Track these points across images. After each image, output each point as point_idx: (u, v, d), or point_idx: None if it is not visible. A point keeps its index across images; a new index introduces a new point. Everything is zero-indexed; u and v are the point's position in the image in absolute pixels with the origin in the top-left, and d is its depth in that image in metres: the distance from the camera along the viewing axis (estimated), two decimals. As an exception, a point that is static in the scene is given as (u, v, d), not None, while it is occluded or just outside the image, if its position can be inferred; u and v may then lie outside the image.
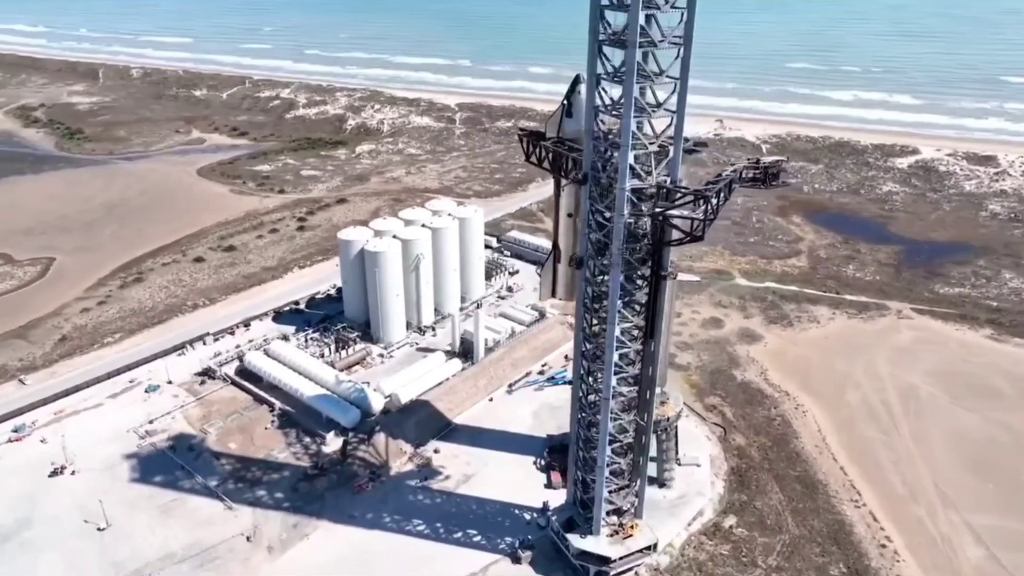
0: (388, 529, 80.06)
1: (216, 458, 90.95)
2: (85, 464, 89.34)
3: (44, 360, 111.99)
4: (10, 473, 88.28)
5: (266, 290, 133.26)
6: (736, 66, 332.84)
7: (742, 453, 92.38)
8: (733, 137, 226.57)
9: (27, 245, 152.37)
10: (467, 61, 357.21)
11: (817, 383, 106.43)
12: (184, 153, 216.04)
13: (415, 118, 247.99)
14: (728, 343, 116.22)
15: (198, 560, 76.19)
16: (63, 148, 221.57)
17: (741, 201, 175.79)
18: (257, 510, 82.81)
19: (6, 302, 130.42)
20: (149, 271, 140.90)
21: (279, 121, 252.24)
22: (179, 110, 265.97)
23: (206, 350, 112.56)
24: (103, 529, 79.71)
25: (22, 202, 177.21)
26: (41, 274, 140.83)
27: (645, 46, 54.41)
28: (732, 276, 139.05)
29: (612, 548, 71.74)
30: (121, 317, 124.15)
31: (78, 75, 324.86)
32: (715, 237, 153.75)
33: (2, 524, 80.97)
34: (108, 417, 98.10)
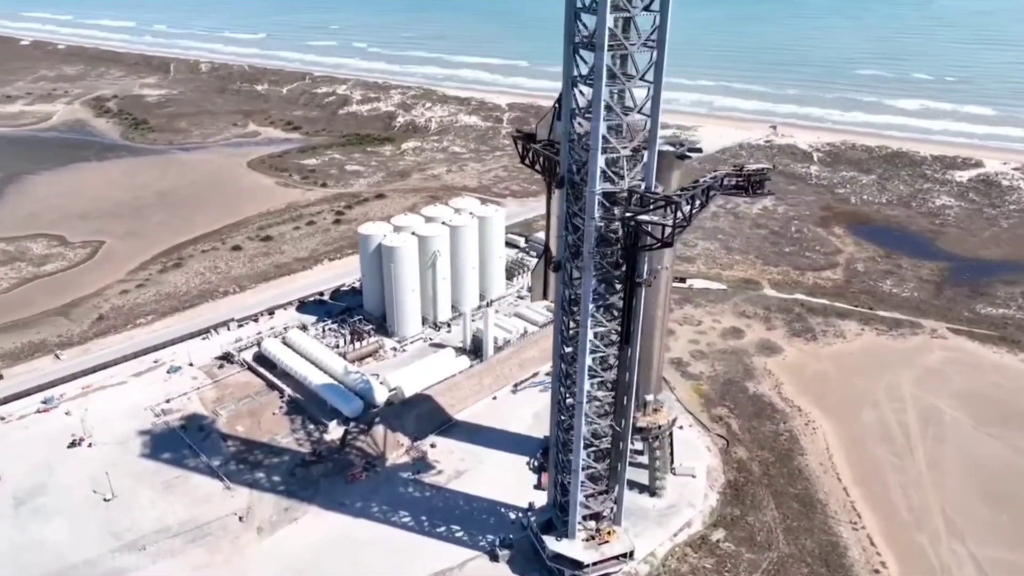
0: (375, 519, 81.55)
1: (223, 439, 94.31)
2: (101, 437, 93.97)
3: (80, 337, 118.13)
4: (34, 442, 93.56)
5: (294, 280, 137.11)
6: (800, 72, 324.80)
7: (742, 467, 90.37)
8: (784, 144, 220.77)
9: (81, 228, 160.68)
10: (524, 62, 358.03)
11: (833, 400, 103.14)
12: (238, 145, 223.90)
13: (463, 117, 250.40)
14: (746, 354, 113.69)
15: (191, 535, 79.26)
16: (127, 137, 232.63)
17: (783, 210, 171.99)
18: (254, 492, 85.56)
19: (55, 281, 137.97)
20: (189, 257, 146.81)
21: (332, 117, 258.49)
22: (239, 104, 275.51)
23: (229, 335, 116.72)
24: (109, 500, 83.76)
25: (82, 188, 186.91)
26: (90, 256, 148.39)
27: (615, 49, 53.95)
28: (761, 286, 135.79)
29: (586, 553, 71.37)
30: (156, 300, 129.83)
31: (152, 68, 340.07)
32: (748, 246, 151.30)
33: (21, 489, 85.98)
34: (129, 394, 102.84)
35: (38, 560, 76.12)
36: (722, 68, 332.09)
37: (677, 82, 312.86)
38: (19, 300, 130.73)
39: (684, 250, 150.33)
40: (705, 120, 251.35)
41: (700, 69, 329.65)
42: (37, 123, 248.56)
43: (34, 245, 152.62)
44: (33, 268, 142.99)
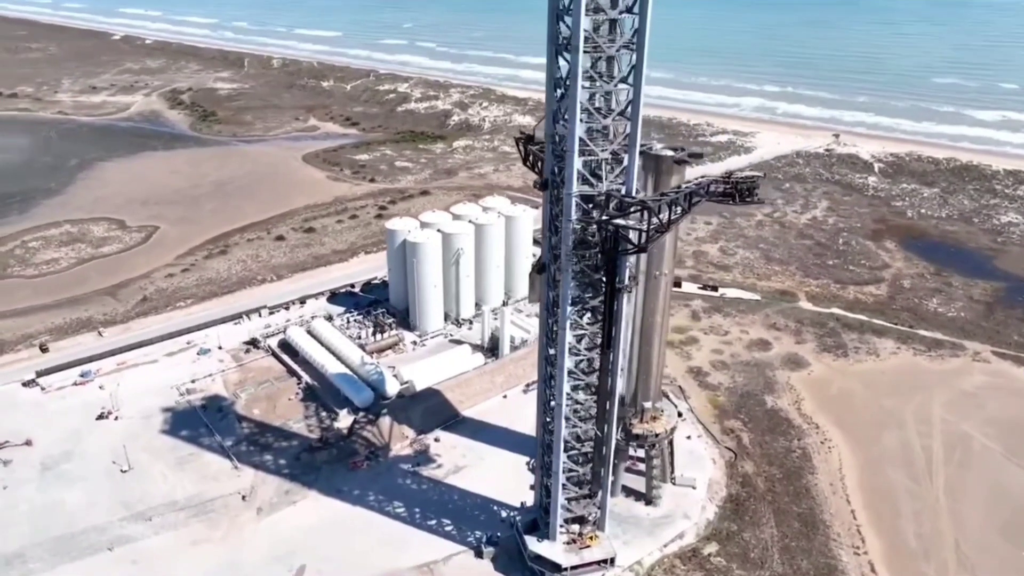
0: (370, 507, 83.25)
1: (239, 421, 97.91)
2: (127, 411, 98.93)
3: (123, 316, 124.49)
4: (67, 412, 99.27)
5: (330, 271, 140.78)
6: (874, 79, 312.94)
7: (747, 481, 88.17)
8: (845, 153, 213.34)
9: (140, 213, 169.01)
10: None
11: (854, 419, 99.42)
12: (297, 139, 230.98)
13: (518, 117, 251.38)
14: (769, 367, 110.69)
15: (195, 511, 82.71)
16: (195, 129, 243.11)
17: (833, 221, 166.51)
18: (259, 473, 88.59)
19: (109, 262, 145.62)
20: (234, 245, 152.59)
21: (390, 114, 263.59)
22: (304, 99, 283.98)
23: (259, 322, 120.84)
24: (125, 471, 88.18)
25: (147, 175, 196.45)
26: (144, 240, 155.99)
27: (593, 51, 53.67)
28: (796, 299, 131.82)
29: (565, 556, 71.13)
30: (197, 285, 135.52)
31: (228, 63, 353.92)
32: (790, 257, 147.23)
33: (50, 455, 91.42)
34: (159, 373, 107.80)
35: (53, 522, 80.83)
36: (791, 74, 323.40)
37: (741, 87, 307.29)
38: (74, 279, 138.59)
39: (721, 258, 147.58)
40: (765, 126, 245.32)
41: (767, 74, 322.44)
42: (116, 113, 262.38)
43: (96, 228, 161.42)
44: (91, 249, 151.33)
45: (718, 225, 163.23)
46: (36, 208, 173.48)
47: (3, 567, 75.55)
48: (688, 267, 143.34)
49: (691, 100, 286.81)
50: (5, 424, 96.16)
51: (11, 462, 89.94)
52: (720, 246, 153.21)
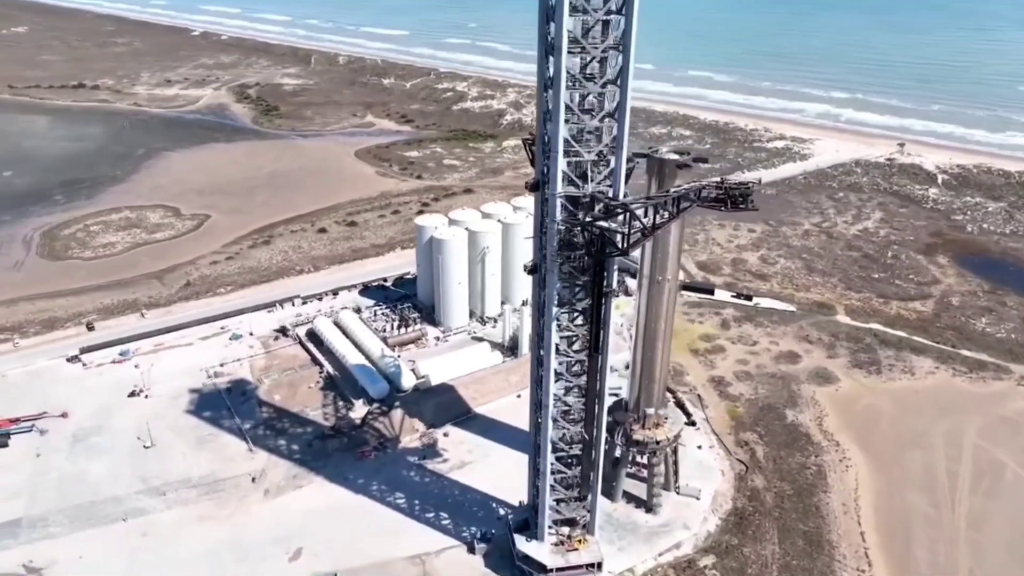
0: (372, 496, 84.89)
1: (259, 405, 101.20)
2: (157, 391, 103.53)
3: (167, 300, 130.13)
4: (104, 388, 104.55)
5: (366, 264, 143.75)
6: (953, 87, 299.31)
7: (754, 495, 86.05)
8: (908, 163, 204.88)
9: (195, 202, 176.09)
10: (650, 65, 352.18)
11: (878, 438, 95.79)
12: (352, 135, 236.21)
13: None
14: (795, 380, 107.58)
15: (206, 489, 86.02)
16: (257, 122, 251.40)
17: (885, 233, 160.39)
18: (272, 456, 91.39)
19: (160, 248, 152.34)
20: (278, 236, 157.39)
21: (446, 112, 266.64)
22: (364, 96, 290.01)
23: (292, 311, 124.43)
24: (148, 447, 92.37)
25: (206, 165, 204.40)
26: (195, 228, 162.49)
27: (576, 52, 53.49)
28: (834, 311, 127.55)
29: (551, 557, 70.98)
30: (239, 273, 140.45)
31: (296, 59, 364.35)
32: (834, 268, 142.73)
33: (82, 428, 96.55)
34: (192, 355, 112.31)
35: (76, 491, 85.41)
36: (862, 79, 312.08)
37: (806, 92, 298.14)
38: (127, 262, 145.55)
39: (761, 267, 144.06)
40: (826, 133, 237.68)
41: (837, 79, 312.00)
42: (185, 105, 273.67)
43: (152, 214, 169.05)
44: (145, 235, 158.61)
45: (762, 233, 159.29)
46: (102, 194, 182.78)
47: (27, 528, 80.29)
48: (724, 275, 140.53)
49: (751, 105, 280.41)
50: (47, 396, 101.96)
51: (47, 432, 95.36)
52: (761, 254, 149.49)
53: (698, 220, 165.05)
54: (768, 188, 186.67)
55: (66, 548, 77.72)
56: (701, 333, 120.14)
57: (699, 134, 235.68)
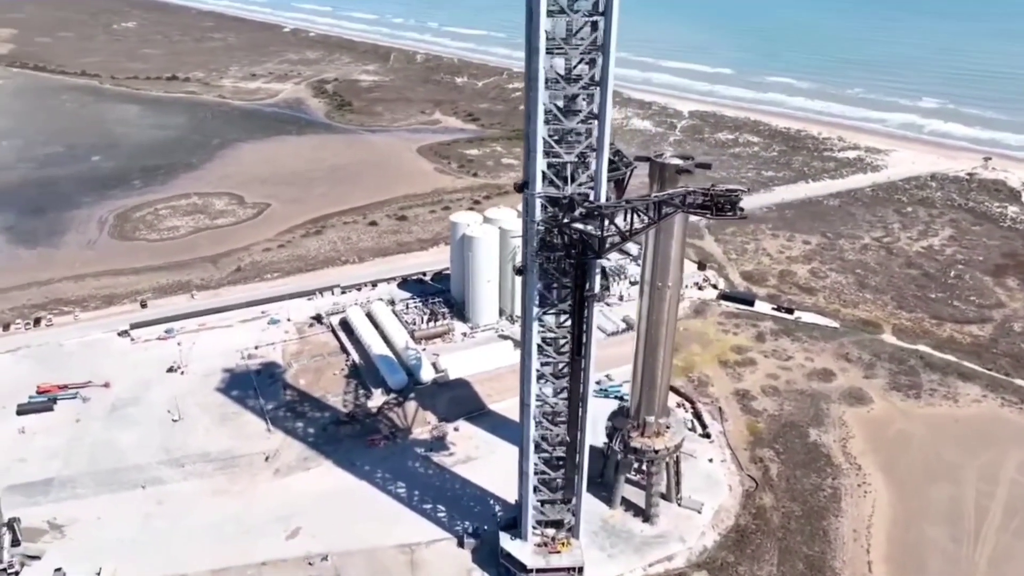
0: (375, 483, 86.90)
1: (284, 388, 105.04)
2: (193, 368, 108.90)
3: (217, 283, 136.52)
4: (146, 362, 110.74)
5: (408, 258, 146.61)
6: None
7: (760, 514, 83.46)
8: (990, 179, 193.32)
9: (258, 191, 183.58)
10: (729, 70, 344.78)
11: (905, 465, 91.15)
12: (417, 131, 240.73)
13: (635, 121, 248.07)
14: (825, 399, 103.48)
15: (222, 464, 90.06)
16: (329, 117, 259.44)
17: (951, 252, 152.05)
18: (288, 438, 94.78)
19: (220, 233, 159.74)
20: (331, 227, 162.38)
21: (512, 111, 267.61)
22: (436, 93, 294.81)
23: (330, 299, 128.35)
24: (176, 421, 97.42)
25: (275, 156, 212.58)
26: (255, 216, 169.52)
27: (556, 53, 53.43)
28: (880, 330, 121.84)
29: (533, 558, 71.03)
30: (287, 260, 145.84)
31: (376, 57, 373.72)
32: (888, 285, 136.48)
33: (120, 399, 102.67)
34: (230, 336, 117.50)
35: (105, 456, 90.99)
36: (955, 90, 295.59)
37: (891, 101, 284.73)
38: (187, 245, 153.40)
39: (810, 280, 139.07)
40: (905, 144, 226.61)
41: (927, 89, 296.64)
42: (265, 99, 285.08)
43: (217, 201, 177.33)
44: (208, 220, 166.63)
45: (817, 245, 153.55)
46: (175, 180, 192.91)
47: (57, 488, 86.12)
48: (769, 286, 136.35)
49: (830, 112, 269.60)
50: (94, 367, 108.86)
51: (89, 400, 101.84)
52: (812, 267, 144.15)
53: (750, 229, 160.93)
54: (831, 199, 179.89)
55: (88, 509, 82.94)
56: (734, 344, 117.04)
57: (766, 141, 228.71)
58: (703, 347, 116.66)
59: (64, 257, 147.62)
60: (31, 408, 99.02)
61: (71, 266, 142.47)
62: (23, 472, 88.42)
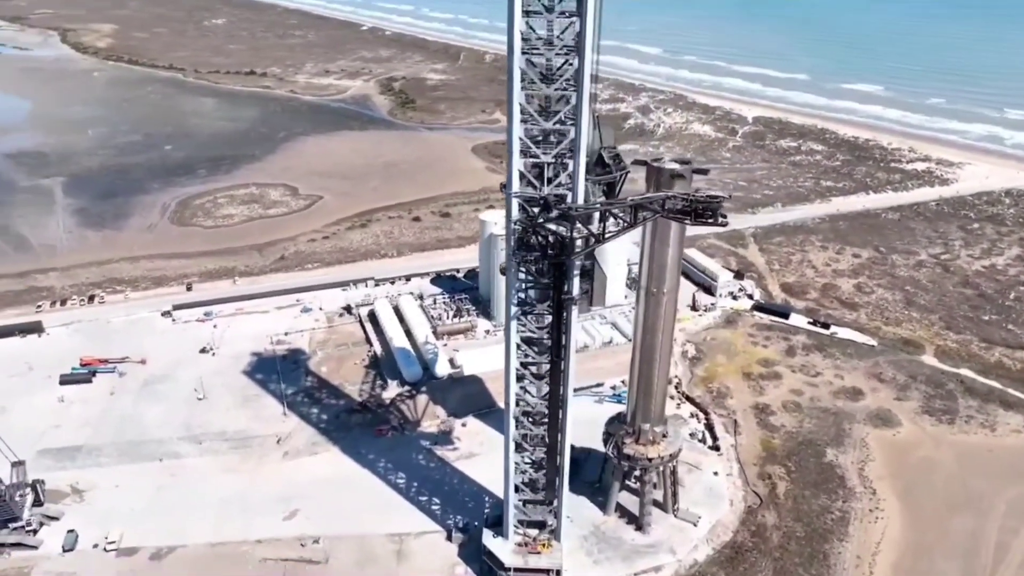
0: (377, 472, 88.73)
1: (306, 375, 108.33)
2: (224, 350, 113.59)
3: (259, 270, 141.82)
4: (182, 342, 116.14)
5: (445, 255, 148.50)
6: None
7: (759, 532, 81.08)
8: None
9: (313, 183, 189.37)
10: (804, 75, 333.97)
11: (926, 493, 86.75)
12: (474, 130, 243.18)
13: (696, 125, 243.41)
14: (849, 419, 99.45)
15: (236, 443, 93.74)
16: (392, 114, 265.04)
17: (1015, 272, 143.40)
18: (301, 422, 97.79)
19: (271, 223, 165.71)
20: (376, 221, 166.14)
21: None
22: (499, 93, 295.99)
23: (363, 291, 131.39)
24: (200, 399, 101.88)
25: (335, 151, 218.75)
26: (306, 207, 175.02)
27: (532, 53, 53.46)
28: (921, 351, 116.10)
29: (512, 556, 71.17)
30: (329, 252, 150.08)
31: (447, 56, 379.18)
32: (938, 304, 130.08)
33: (153, 375, 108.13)
34: (264, 322, 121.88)
35: (130, 429, 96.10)
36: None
37: (977, 112, 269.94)
38: (239, 232, 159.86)
39: (854, 295, 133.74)
40: (981, 157, 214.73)
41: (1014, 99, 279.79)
42: (334, 95, 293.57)
43: (273, 192, 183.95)
44: (262, 209, 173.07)
45: (867, 259, 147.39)
46: (238, 170, 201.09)
47: (84, 455, 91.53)
48: (809, 299, 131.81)
49: (905, 122, 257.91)
50: (135, 343, 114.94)
51: (125, 375, 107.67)
52: (859, 282, 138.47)
53: (798, 240, 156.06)
54: (890, 212, 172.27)
55: (108, 477, 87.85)
56: (761, 357, 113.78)
57: (830, 149, 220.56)
58: (729, 358, 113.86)
59: (125, 239, 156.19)
60: (72, 379, 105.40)
61: (129, 248, 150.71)
62: (56, 438, 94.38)
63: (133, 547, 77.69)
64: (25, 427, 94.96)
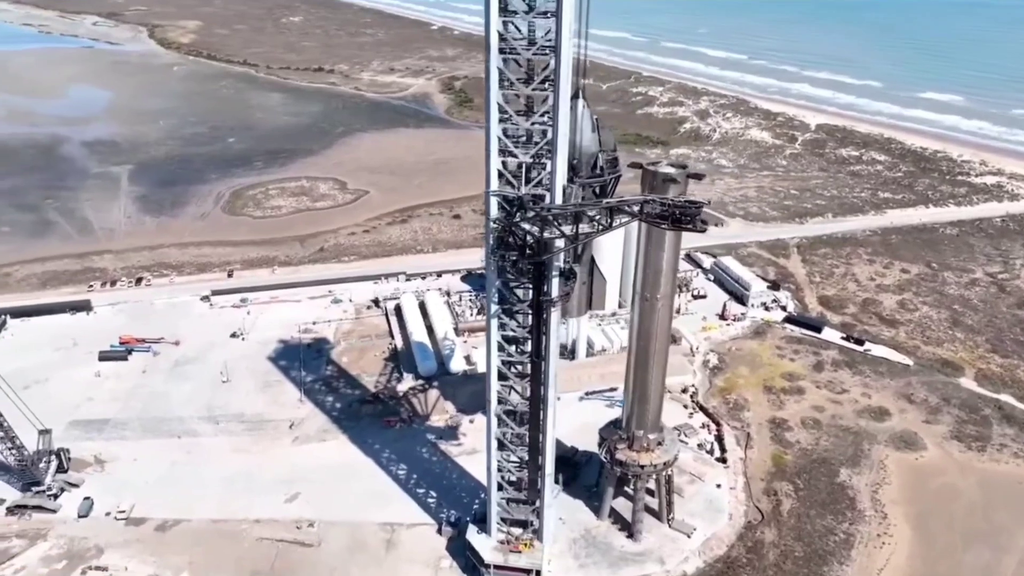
0: (380, 462, 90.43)
1: (327, 364, 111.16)
2: (253, 336, 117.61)
3: (298, 260, 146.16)
4: (216, 327, 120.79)
5: (479, 252, 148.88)
6: None
7: (756, 548, 78.97)
8: None
9: (362, 179, 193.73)
10: (878, 83, 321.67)
11: (942, 522, 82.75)
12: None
13: (754, 131, 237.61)
14: (870, 439, 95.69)
15: (251, 425, 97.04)
16: (448, 112, 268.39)
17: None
18: (315, 409, 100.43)
19: (316, 215, 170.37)
20: (416, 217, 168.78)
21: (628, 115, 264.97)
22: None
23: (393, 285, 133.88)
24: (224, 382, 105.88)
25: (388, 147, 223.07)
26: (351, 201, 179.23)
27: (508, 52, 53.69)
28: (960, 373, 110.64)
29: (492, 553, 71.47)
30: (367, 246, 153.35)
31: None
32: (987, 326, 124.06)
33: (185, 356, 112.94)
34: (294, 310, 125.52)
35: (157, 405, 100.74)
36: None
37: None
38: (284, 224, 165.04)
39: (896, 311, 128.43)
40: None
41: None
42: (396, 92, 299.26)
43: (323, 185, 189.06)
44: (310, 202, 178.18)
45: (916, 275, 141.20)
46: (293, 164, 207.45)
47: (110, 428, 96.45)
48: (845, 314, 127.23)
49: (982, 133, 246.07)
50: (171, 325, 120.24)
51: (159, 355, 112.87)
52: (903, 298, 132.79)
53: (844, 252, 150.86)
54: (949, 227, 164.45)
55: (129, 450, 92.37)
56: (786, 371, 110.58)
57: (894, 160, 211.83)
58: (752, 370, 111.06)
59: (178, 226, 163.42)
60: (110, 355, 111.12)
61: (180, 235, 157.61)
62: (88, 410, 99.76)
63: (141, 517, 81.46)
64: (61, 398, 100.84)
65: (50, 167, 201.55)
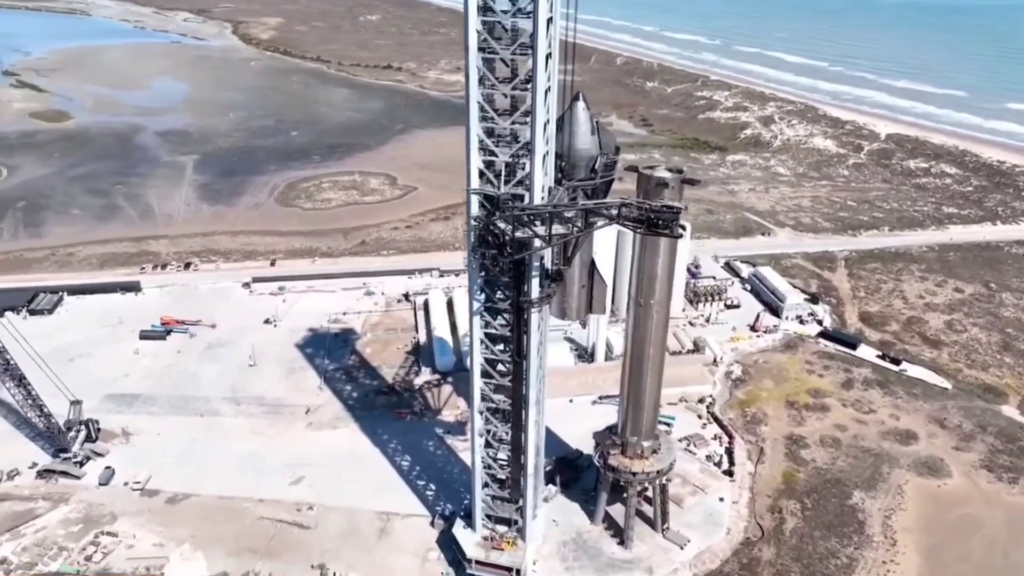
0: (386, 452, 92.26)
1: (351, 353, 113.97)
2: (285, 323, 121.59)
3: (339, 252, 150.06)
4: (251, 312, 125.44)
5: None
6: None
7: (751, 566, 76.91)
8: None
9: (412, 175, 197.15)
10: (963, 92, 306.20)
11: (957, 555, 78.73)
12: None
13: (818, 139, 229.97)
14: (891, 463, 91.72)
15: (270, 409, 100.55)
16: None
17: None
18: (332, 397, 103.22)
19: (363, 209, 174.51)
20: (459, 214, 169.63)
21: (690, 120, 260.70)
22: (620, 96, 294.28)
23: (426, 280, 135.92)
24: (251, 366, 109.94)
25: (443, 145, 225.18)
26: (399, 197, 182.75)
27: (487, 52, 54.07)
28: (1003, 400, 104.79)
29: (475, 548, 72.01)
30: (407, 241, 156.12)
31: (580, 57, 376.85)
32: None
33: (219, 339, 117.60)
34: (328, 300, 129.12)
35: (186, 384, 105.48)
36: None
37: None
38: (332, 216, 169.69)
39: (941, 332, 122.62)
40: None
41: None
42: (458, 91, 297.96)
43: (374, 180, 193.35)
44: (358, 196, 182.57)
45: (970, 295, 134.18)
46: (350, 158, 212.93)
47: (140, 403, 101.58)
48: (886, 331, 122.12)
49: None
50: (210, 309, 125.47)
51: (195, 336, 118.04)
52: (951, 319, 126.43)
53: (895, 268, 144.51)
54: (1016, 247, 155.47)
55: (154, 424, 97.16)
56: (812, 387, 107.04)
57: (965, 173, 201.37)
58: (776, 384, 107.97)
59: (232, 215, 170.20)
60: (150, 335, 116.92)
61: (233, 223, 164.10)
62: (123, 385, 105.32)
63: (155, 489, 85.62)
64: (101, 373, 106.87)
65: (125, 155, 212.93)
